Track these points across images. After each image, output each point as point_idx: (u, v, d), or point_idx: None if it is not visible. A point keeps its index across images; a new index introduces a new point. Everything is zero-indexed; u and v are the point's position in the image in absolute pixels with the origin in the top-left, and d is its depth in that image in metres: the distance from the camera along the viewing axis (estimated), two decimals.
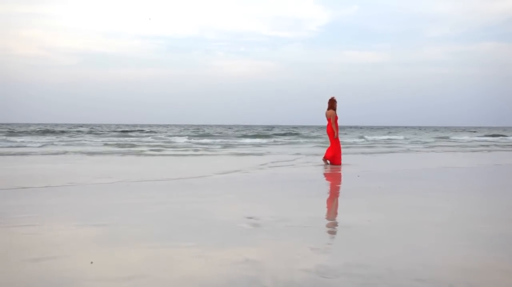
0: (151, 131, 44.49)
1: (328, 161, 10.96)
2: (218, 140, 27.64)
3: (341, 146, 11.40)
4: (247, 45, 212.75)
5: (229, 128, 67.28)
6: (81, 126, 67.61)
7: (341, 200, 5.87)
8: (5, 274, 2.64)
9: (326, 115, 11.03)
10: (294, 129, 60.11)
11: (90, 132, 38.66)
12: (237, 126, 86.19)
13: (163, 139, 29.15)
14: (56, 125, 75.32)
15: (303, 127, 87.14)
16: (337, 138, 10.99)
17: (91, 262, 2.81)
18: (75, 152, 15.52)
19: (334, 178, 8.60)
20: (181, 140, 27.28)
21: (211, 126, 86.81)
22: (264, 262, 2.83)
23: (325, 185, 7.72)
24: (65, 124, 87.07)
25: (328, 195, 6.34)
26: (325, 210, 5.17)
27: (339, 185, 7.70)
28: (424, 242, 3.36)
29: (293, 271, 2.66)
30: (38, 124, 73.23)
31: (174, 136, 34.09)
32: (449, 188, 6.90)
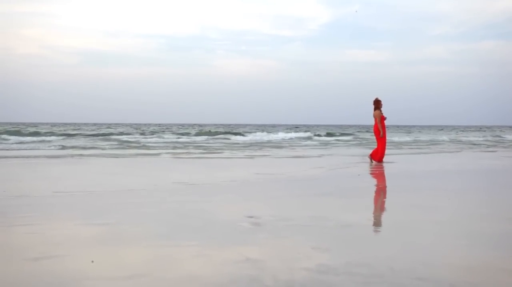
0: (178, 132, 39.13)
1: (373, 161, 11.37)
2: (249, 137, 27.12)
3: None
4: (248, 44, 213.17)
5: (243, 126, 67.04)
6: (85, 125, 67.61)
7: (342, 200, 5.86)
8: (6, 273, 2.64)
9: (374, 116, 11.62)
10: (300, 128, 59.93)
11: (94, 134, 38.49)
12: (243, 125, 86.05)
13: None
14: (59, 124, 75.39)
15: (306, 125, 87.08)
16: (383, 137, 11.49)
17: (92, 261, 2.81)
18: (99, 155, 15.51)
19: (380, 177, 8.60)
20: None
21: (213, 125, 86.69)
22: (265, 261, 2.83)
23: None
24: (67, 123, 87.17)
25: (331, 194, 6.33)
26: (326, 209, 5.16)
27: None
28: (425, 241, 3.36)
29: (294, 270, 2.66)
30: (41, 124, 73.27)
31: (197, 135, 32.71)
32: None
